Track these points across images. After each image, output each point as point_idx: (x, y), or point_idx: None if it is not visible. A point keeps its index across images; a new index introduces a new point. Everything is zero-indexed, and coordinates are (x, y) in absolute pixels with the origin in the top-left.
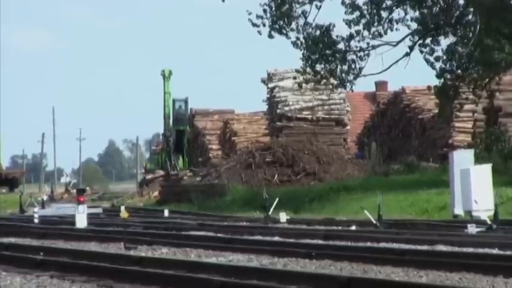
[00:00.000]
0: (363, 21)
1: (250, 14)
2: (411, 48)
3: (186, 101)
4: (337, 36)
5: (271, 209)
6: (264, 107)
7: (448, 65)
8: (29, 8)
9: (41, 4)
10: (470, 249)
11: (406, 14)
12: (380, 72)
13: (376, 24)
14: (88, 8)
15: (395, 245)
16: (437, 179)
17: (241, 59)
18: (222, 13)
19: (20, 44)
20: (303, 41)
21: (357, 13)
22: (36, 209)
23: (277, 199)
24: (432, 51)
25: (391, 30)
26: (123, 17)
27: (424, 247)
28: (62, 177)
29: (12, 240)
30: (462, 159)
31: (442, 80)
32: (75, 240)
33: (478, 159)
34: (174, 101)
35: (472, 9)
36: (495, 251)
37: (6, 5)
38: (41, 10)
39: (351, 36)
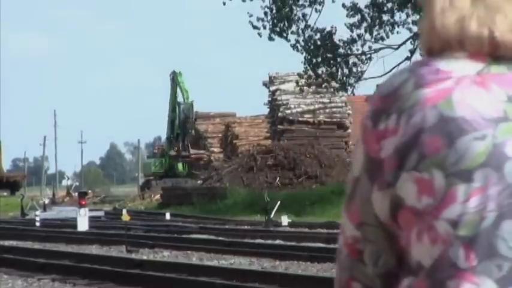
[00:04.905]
0: (364, 24)
1: (251, 16)
2: (412, 51)
3: (191, 105)
4: (339, 40)
5: (273, 212)
6: (266, 110)
7: None
8: (30, 11)
9: (42, 7)
10: None
11: (407, 17)
12: (381, 76)
13: (377, 27)
14: (89, 10)
15: None
16: None
17: (243, 62)
18: (224, 16)
19: (22, 47)
20: (303, 44)
21: (358, 16)
22: (37, 212)
23: (278, 202)
24: None
25: (392, 33)
26: (124, 19)
27: None
28: (63, 180)
29: (13, 243)
30: None
31: None
32: (76, 244)
33: None
34: (179, 104)
35: None
36: None
37: (7, 8)
38: (42, 13)
39: (352, 40)
